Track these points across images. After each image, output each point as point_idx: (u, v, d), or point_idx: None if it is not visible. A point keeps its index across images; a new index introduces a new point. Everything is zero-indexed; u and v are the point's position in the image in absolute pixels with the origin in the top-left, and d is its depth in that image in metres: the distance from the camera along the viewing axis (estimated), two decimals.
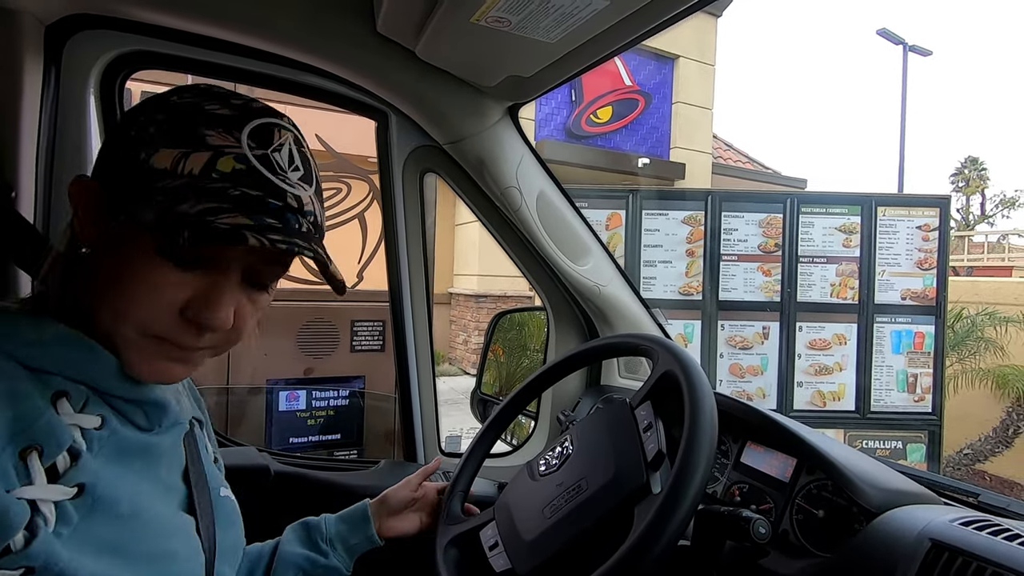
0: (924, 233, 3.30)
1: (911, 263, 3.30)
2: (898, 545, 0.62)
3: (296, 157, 0.50)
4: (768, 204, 3.29)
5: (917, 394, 3.30)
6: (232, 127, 0.47)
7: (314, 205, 0.51)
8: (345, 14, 0.81)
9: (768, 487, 0.81)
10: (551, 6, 0.62)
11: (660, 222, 3.25)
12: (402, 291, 1.16)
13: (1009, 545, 0.58)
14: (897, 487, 0.73)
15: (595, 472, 0.67)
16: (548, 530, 0.65)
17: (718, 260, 3.25)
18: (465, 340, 7.90)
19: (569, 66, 0.82)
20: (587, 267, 1.13)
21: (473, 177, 1.08)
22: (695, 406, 0.61)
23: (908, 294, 3.29)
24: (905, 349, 3.29)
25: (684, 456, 0.57)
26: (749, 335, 3.25)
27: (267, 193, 0.46)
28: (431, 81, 0.91)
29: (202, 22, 0.83)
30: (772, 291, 3.27)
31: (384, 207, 1.15)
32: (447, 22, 0.69)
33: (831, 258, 3.28)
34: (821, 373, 3.27)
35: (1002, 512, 0.76)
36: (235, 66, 0.94)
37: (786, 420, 0.85)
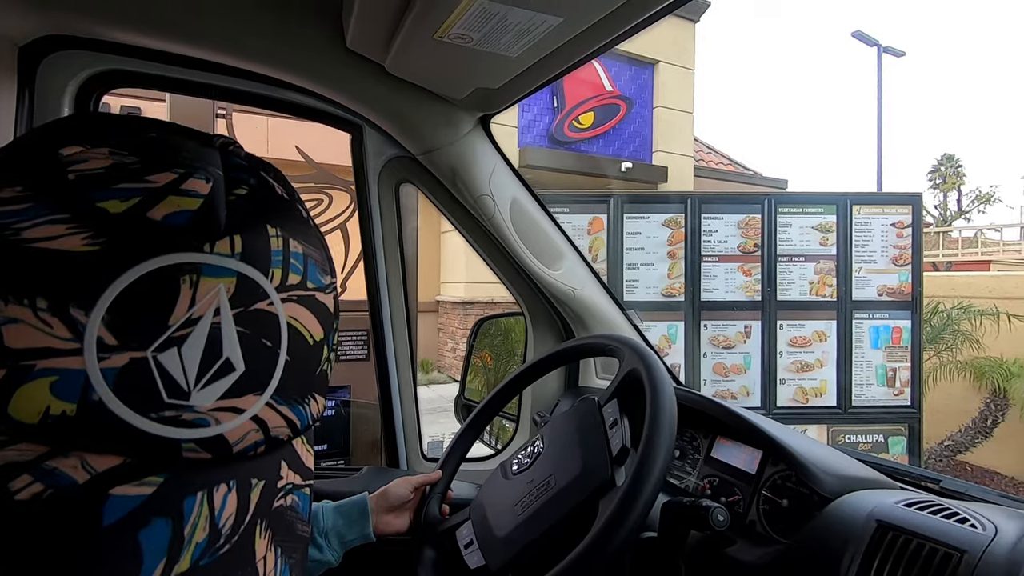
0: (898, 230, 3.37)
1: (887, 259, 3.37)
2: (849, 527, 0.66)
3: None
4: (746, 205, 3.35)
5: (896, 388, 3.37)
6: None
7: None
8: (315, 31, 0.82)
9: (737, 479, 0.85)
10: (508, 24, 0.65)
11: (641, 225, 3.30)
12: (381, 301, 1.17)
13: (946, 522, 0.61)
14: (852, 474, 0.77)
15: (563, 468, 0.69)
16: (519, 526, 0.68)
17: (699, 261, 3.31)
18: (453, 348, 7.90)
19: (534, 78, 0.84)
20: (561, 271, 1.16)
21: (447, 186, 1.11)
22: (655, 402, 0.63)
23: (884, 290, 3.37)
24: (883, 344, 3.36)
25: (644, 449, 0.59)
26: (732, 334, 3.30)
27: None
28: (402, 94, 0.92)
29: (175, 41, 0.84)
30: (753, 290, 3.32)
31: (361, 218, 1.16)
32: (412, 38, 0.71)
33: (809, 256, 3.34)
34: (803, 370, 3.33)
35: (961, 496, 0.79)
36: (210, 83, 0.95)
37: (751, 415, 0.88)
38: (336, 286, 0.38)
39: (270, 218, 0.32)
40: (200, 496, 0.29)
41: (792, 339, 3.32)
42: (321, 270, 0.36)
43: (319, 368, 0.35)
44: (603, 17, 0.65)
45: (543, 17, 0.63)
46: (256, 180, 0.34)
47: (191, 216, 0.29)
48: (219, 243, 0.29)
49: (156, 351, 0.28)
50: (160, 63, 0.90)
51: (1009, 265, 12.90)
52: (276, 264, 0.32)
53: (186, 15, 0.78)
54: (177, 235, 0.29)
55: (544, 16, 0.63)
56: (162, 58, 0.89)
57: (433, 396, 6.61)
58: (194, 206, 0.29)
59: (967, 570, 0.56)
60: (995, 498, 0.78)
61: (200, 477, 0.29)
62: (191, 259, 0.29)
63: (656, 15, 0.68)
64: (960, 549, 0.57)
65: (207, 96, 0.98)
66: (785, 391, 3.32)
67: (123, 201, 0.28)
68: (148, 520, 0.27)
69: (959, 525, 0.61)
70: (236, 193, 0.32)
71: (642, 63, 8.77)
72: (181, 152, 0.31)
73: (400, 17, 0.68)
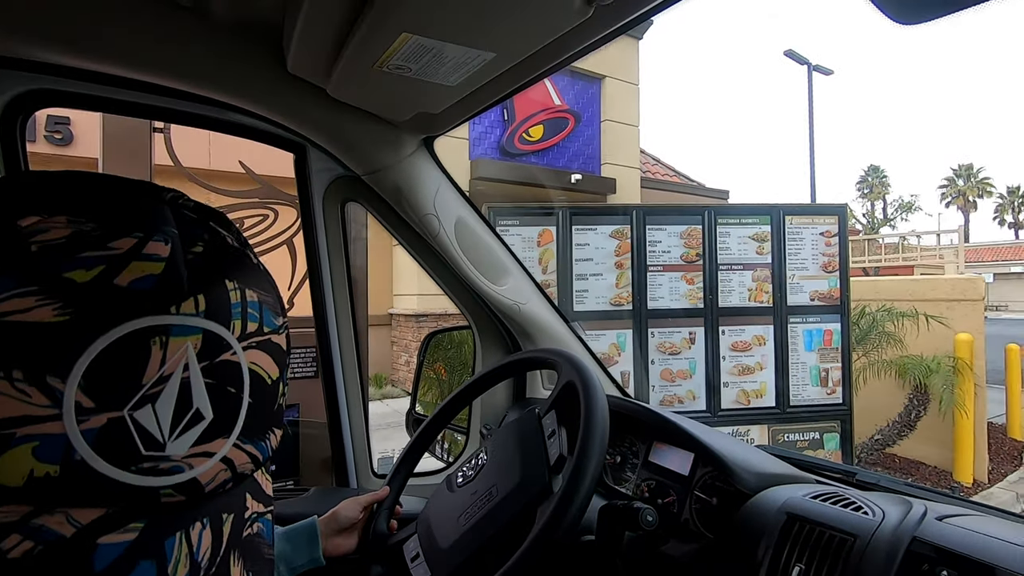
0: (827, 239, 3.60)
1: (817, 266, 3.59)
2: (764, 519, 0.72)
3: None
4: (688, 216, 3.50)
5: (829, 387, 3.58)
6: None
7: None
8: (256, 54, 0.83)
9: (672, 481, 0.90)
10: (445, 57, 0.68)
11: (589, 236, 3.39)
12: (327, 319, 1.17)
13: (844, 511, 0.69)
14: (770, 471, 0.83)
15: (504, 479, 0.72)
16: (462, 537, 0.70)
17: (645, 271, 3.42)
18: (407, 361, 7.80)
19: (474, 103, 0.87)
20: (506, 287, 1.19)
21: (393, 205, 1.12)
22: (589, 412, 0.66)
23: (816, 295, 3.58)
24: (816, 346, 3.56)
25: (577, 457, 0.63)
26: (677, 341, 3.43)
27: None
28: (345, 116, 0.93)
29: (110, 63, 0.82)
30: (696, 298, 3.46)
31: (306, 237, 1.17)
32: (352, 67, 0.73)
33: (747, 265, 3.52)
34: (744, 373, 3.48)
35: (874, 487, 0.88)
36: (148, 104, 0.94)
37: (682, 420, 0.94)
38: (287, 324, 0.40)
39: (227, 272, 0.35)
40: (179, 536, 0.31)
41: (733, 344, 3.48)
42: (274, 313, 0.38)
43: (276, 404, 0.38)
44: (533, 53, 0.69)
45: (477, 52, 0.66)
46: (209, 234, 0.35)
47: (156, 280, 0.31)
48: (184, 304, 0.31)
49: (132, 409, 0.29)
50: (93, 83, 0.88)
51: (929, 268, 13.91)
52: (236, 316, 0.34)
53: (121, 36, 0.77)
54: (144, 300, 0.30)
55: (478, 51, 0.66)
56: (95, 78, 0.87)
57: (387, 411, 6.51)
58: (157, 270, 0.31)
59: (859, 551, 0.63)
60: (900, 487, 0.87)
61: (177, 518, 0.31)
62: (160, 321, 0.30)
63: (583, 51, 0.72)
64: (853, 534, 0.64)
65: (146, 117, 0.95)
66: (728, 394, 3.46)
67: (88, 270, 0.29)
68: (135, 563, 0.29)
69: (854, 513, 0.68)
70: (193, 252, 0.33)
71: (589, 78, 9.01)
72: (136, 214, 0.32)
73: (339, 47, 0.70)
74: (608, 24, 0.66)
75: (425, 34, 0.63)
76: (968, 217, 45.03)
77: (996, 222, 45.76)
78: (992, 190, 44.44)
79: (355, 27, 0.64)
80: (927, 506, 0.69)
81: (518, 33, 0.64)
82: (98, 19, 0.73)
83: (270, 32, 0.79)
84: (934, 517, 0.65)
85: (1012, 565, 0.56)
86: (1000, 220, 45.47)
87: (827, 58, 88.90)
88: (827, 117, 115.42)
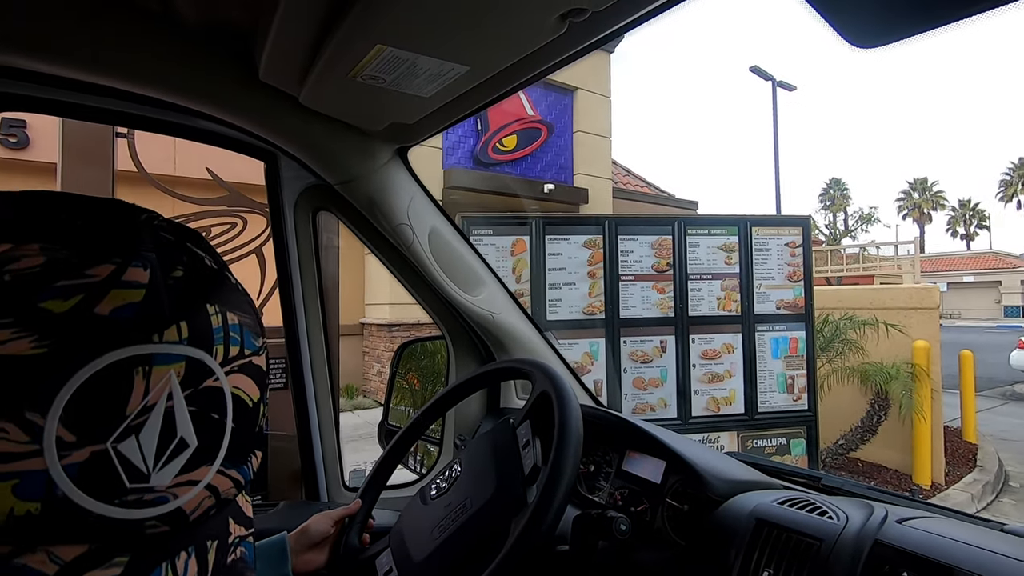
0: (791, 249, 3.71)
1: (783, 276, 3.69)
2: (734, 526, 0.74)
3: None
4: (658, 227, 3.56)
5: (795, 394, 3.67)
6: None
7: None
8: (226, 61, 0.81)
9: (645, 489, 0.91)
10: (419, 69, 0.68)
11: (562, 246, 3.41)
12: (298, 330, 1.15)
13: (810, 516, 0.72)
14: (740, 478, 0.85)
15: (479, 490, 0.71)
16: (436, 550, 0.69)
17: (617, 280, 3.46)
18: (379, 371, 7.70)
19: (449, 115, 0.87)
20: (481, 297, 1.18)
21: (366, 215, 1.11)
22: (562, 422, 0.67)
23: (782, 304, 3.68)
24: (782, 354, 3.66)
25: (551, 468, 0.63)
26: (649, 349, 3.47)
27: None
28: (318, 125, 0.92)
29: (72, 67, 0.78)
30: (667, 307, 3.52)
31: (276, 246, 1.15)
32: (325, 76, 0.72)
33: (716, 274, 3.59)
34: (714, 381, 3.55)
35: (837, 491, 0.90)
36: (113, 109, 0.90)
37: (654, 428, 0.95)
38: (266, 342, 0.40)
39: (208, 296, 0.34)
40: (164, 567, 0.30)
41: (703, 352, 3.54)
42: (254, 334, 0.37)
43: (258, 426, 0.37)
44: (508, 66, 0.69)
45: (451, 64, 0.67)
46: (187, 256, 0.34)
47: (136, 308, 0.30)
48: (167, 331, 0.31)
49: (115, 442, 0.29)
50: (55, 87, 0.84)
51: (888, 278, 14.44)
52: (219, 341, 0.33)
53: (84, 40, 0.74)
54: (126, 329, 0.29)
55: (452, 64, 0.67)
56: (57, 82, 0.83)
57: (359, 422, 6.40)
58: (138, 298, 0.30)
59: (825, 554, 0.65)
60: (863, 490, 0.89)
61: (162, 550, 0.30)
62: (142, 351, 0.29)
63: (557, 65, 0.73)
64: (819, 538, 0.67)
65: (111, 123, 0.92)
66: (699, 401, 3.52)
67: (65, 300, 0.28)
68: None
69: (820, 518, 0.71)
70: (173, 276, 0.32)
71: (562, 90, 9.12)
72: (113, 239, 0.31)
73: (313, 56, 0.70)
74: (582, 40, 0.67)
75: (400, 46, 0.63)
76: (923, 229, 46.99)
77: (949, 234, 47.86)
78: (945, 203, 46.50)
79: (329, 37, 0.64)
80: (888, 509, 0.71)
81: (493, 47, 0.65)
82: (61, 22, 0.71)
83: (241, 39, 0.78)
84: (895, 520, 0.68)
85: (968, 565, 0.58)
86: (953, 232, 47.58)
87: (791, 74, 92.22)
88: (792, 131, 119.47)
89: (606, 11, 0.59)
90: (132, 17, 0.73)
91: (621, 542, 0.72)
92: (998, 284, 32.56)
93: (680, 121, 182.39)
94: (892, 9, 0.41)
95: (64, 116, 0.94)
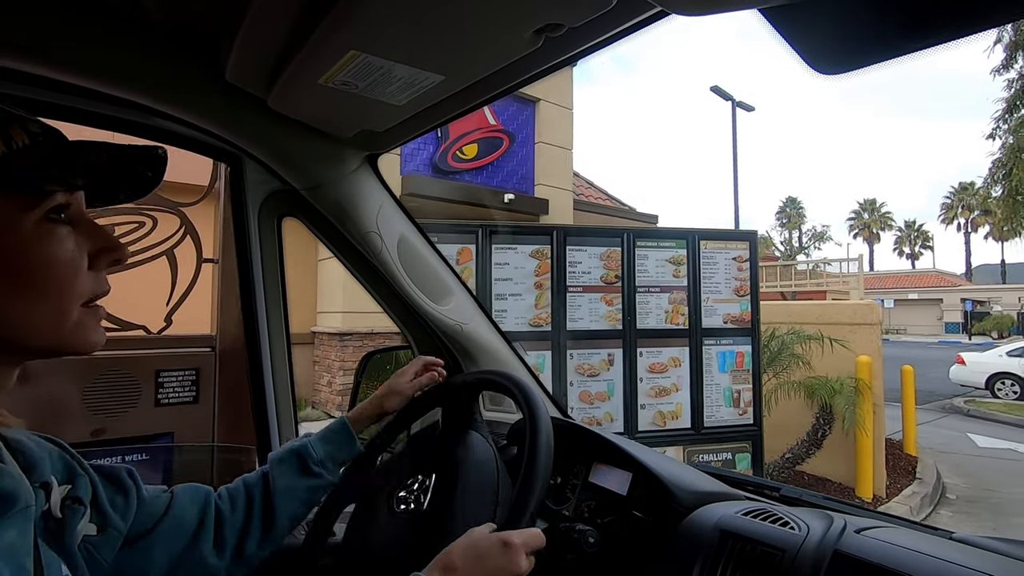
0: (739, 264, 3.73)
1: (730, 290, 3.70)
2: (700, 537, 0.75)
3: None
4: (607, 238, 3.52)
5: (741, 408, 3.66)
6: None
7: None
8: (190, 60, 0.79)
9: (611, 501, 0.91)
10: (393, 77, 0.68)
11: (509, 256, 3.33)
12: (260, 340, 1.12)
13: (772, 527, 0.73)
14: (704, 489, 0.87)
15: (474, 514, 0.73)
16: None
17: (565, 292, 3.40)
18: (330, 381, 7.45)
19: (421, 123, 0.88)
20: (449, 307, 1.17)
21: (333, 222, 1.09)
22: (533, 438, 0.69)
23: (729, 318, 3.68)
24: (729, 368, 3.65)
25: (521, 483, 0.65)
26: (596, 362, 3.41)
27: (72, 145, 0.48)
28: (285, 129, 0.90)
29: (24, 62, 0.73)
30: (615, 319, 3.47)
31: (239, 252, 1.11)
32: (296, 80, 0.71)
33: (664, 287, 3.57)
34: (660, 395, 3.51)
35: (796, 501, 0.93)
36: (68, 105, 0.85)
37: (620, 440, 0.96)
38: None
39: None
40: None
41: (651, 365, 3.50)
42: None
43: None
44: (482, 78, 0.71)
45: (426, 74, 0.68)
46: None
47: None
48: None
49: None
50: (2, 80, 0.77)
51: (839, 294, 14.99)
52: None
53: (37, 34, 0.70)
54: None
55: (427, 73, 0.67)
56: (5, 75, 0.75)
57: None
58: None
59: (787, 564, 0.67)
60: (820, 501, 0.93)
61: None
62: None
63: (531, 79, 0.74)
64: (781, 548, 0.68)
65: (66, 120, 0.86)
66: (645, 415, 3.48)
67: None
68: None
69: (782, 528, 0.72)
70: None
71: (525, 100, 9.12)
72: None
73: (284, 59, 0.69)
74: (557, 55, 0.68)
75: (375, 53, 0.63)
76: (872, 247, 49.20)
77: (896, 253, 50.22)
78: (892, 223, 48.83)
79: (302, 40, 0.64)
80: (846, 520, 0.73)
81: (468, 58, 0.66)
82: (15, 17, 0.68)
83: (207, 38, 0.76)
84: (853, 530, 0.70)
85: (923, 574, 0.61)
86: (899, 251, 49.94)
87: (750, 95, 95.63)
88: (752, 150, 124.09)
89: (582, 27, 0.59)
90: (90, 10, 0.71)
91: (589, 555, 0.73)
92: (940, 302, 34.26)
93: (643, 137, 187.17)
94: (855, 40, 0.44)
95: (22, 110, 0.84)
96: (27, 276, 0.46)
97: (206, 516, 0.72)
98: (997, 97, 12.73)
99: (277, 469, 0.80)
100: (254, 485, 0.79)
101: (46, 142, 0.46)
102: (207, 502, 0.74)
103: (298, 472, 0.80)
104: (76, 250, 0.49)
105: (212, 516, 0.73)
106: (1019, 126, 11.85)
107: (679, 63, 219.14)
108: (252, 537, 0.75)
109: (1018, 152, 11.84)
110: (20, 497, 0.46)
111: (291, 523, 0.80)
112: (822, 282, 14.81)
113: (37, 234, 0.46)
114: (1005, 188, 12.44)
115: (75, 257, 0.49)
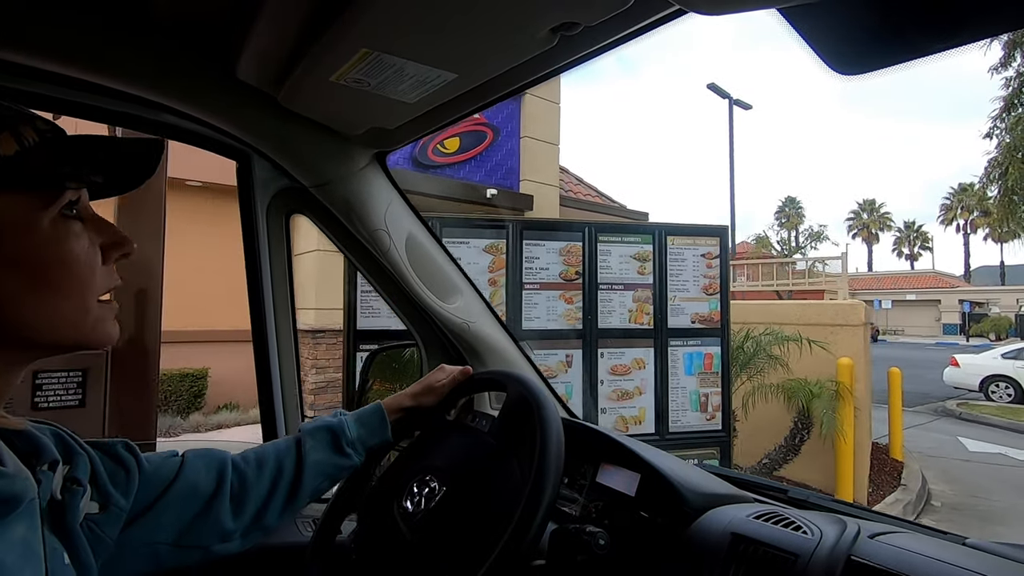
0: (708, 261, 3.54)
1: (698, 288, 3.51)
2: (710, 540, 0.75)
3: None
4: (568, 233, 3.34)
5: (709, 412, 3.48)
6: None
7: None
8: (202, 58, 0.79)
9: (619, 502, 0.89)
10: (406, 74, 0.68)
11: (461, 251, 3.15)
12: (268, 336, 1.13)
13: (784, 531, 0.72)
14: (714, 491, 0.86)
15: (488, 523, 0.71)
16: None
17: (520, 289, 3.21)
18: (302, 379, 7.28)
19: (431, 121, 0.88)
20: (456, 305, 1.17)
21: (341, 219, 1.09)
22: (544, 440, 0.69)
23: (697, 318, 3.50)
24: (696, 370, 3.47)
25: (533, 485, 0.65)
26: (553, 364, 3.23)
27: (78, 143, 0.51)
28: (294, 126, 0.90)
29: (34, 57, 0.73)
30: (574, 318, 3.29)
31: (247, 249, 1.12)
32: (307, 78, 0.72)
33: (628, 285, 3.39)
34: (623, 399, 3.33)
35: (804, 504, 0.92)
36: (78, 101, 0.85)
37: (629, 440, 0.94)
38: None
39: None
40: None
41: (613, 367, 3.32)
42: None
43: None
44: (495, 76, 0.70)
45: (439, 72, 0.68)
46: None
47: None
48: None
49: None
50: (11, 75, 0.76)
51: (834, 294, 14.83)
52: None
53: (46, 30, 0.70)
54: None
55: (440, 71, 0.67)
56: (14, 70, 0.74)
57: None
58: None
59: (800, 570, 0.65)
60: (829, 504, 0.91)
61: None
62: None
63: (544, 77, 0.73)
64: (794, 553, 0.67)
65: (77, 116, 0.86)
66: (606, 420, 3.29)
67: None
68: None
69: (794, 533, 0.71)
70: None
71: None
72: None
73: (295, 58, 0.69)
74: (571, 54, 0.68)
75: (387, 51, 0.63)
76: (871, 248, 49.10)
77: (895, 254, 50.04)
78: (892, 224, 48.67)
79: (314, 38, 0.64)
80: (860, 525, 0.72)
81: (482, 56, 0.66)
82: (28, 11, 0.68)
83: (218, 36, 0.76)
84: (867, 536, 0.69)
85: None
86: (898, 252, 49.76)
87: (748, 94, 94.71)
88: (751, 149, 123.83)
89: (597, 26, 0.59)
90: (101, 8, 0.71)
91: (600, 557, 0.73)
92: (938, 303, 34.07)
93: (639, 133, 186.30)
94: (875, 40, 0.45)
95: (29, 107, 0.75)
96: (48, 274, 0.47)
97: (222, 481, 0.73)
98: (995, 96, 12.56)
99: (310, 442, 0.80)
100: (285, 454, 0.79)
101: (54, 139, 0.48)
102: (223, 467, 0.74)
103: (331, 448, 0.81)
104: (91, 246, 0.51)
105: (229, 481, 0.73)
106: (1016, 124, 11.67)
107: (679, 61, 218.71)
108: (274, 505, 0.76)
109: (1014, 151, 11.66)
110: (24, 495, 0.46)
111: (312, 497, 0.80)
112: (817, 281, 14.64)
113: (55, 232, 0.48)
114: (1001, 188, 12.27)
115: (91, 253, 0.50)
